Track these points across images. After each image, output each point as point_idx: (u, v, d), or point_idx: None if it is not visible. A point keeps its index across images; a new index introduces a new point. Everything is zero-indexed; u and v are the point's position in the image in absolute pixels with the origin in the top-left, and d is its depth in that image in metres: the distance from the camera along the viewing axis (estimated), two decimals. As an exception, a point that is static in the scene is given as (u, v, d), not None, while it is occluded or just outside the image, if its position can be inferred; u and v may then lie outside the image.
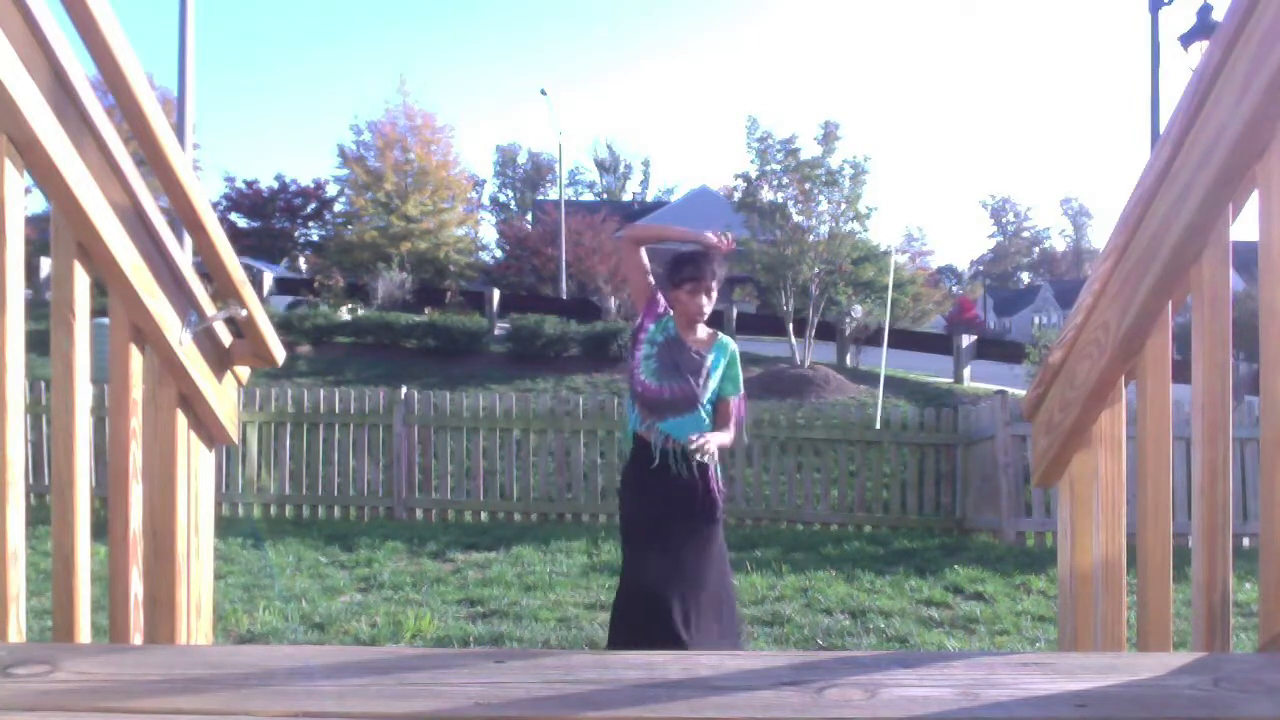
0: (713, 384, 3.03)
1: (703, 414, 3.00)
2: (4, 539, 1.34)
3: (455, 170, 30.31)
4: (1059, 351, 1.82)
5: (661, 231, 3.17)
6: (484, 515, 7.61)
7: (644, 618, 2.81)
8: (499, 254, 36.80)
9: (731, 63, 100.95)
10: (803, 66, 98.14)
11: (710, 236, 3.01)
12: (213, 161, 72.93)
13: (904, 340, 19.10)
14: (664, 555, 2.84)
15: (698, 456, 2.83)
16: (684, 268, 3.02)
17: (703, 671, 1.21)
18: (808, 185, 14.59)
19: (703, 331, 3.10)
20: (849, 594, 4.94)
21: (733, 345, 3.13)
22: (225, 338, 1.94)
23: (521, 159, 61.14)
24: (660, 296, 3.08)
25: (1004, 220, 68.97)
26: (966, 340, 15.93)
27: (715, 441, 2.86)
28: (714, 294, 3.04)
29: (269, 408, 7.68)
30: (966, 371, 15.42)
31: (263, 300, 13.37)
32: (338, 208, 30.56)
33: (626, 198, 56.89)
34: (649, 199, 56.03)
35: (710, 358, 3.04)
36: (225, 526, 6.43)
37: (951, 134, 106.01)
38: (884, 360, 11.47)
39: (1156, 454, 1.59)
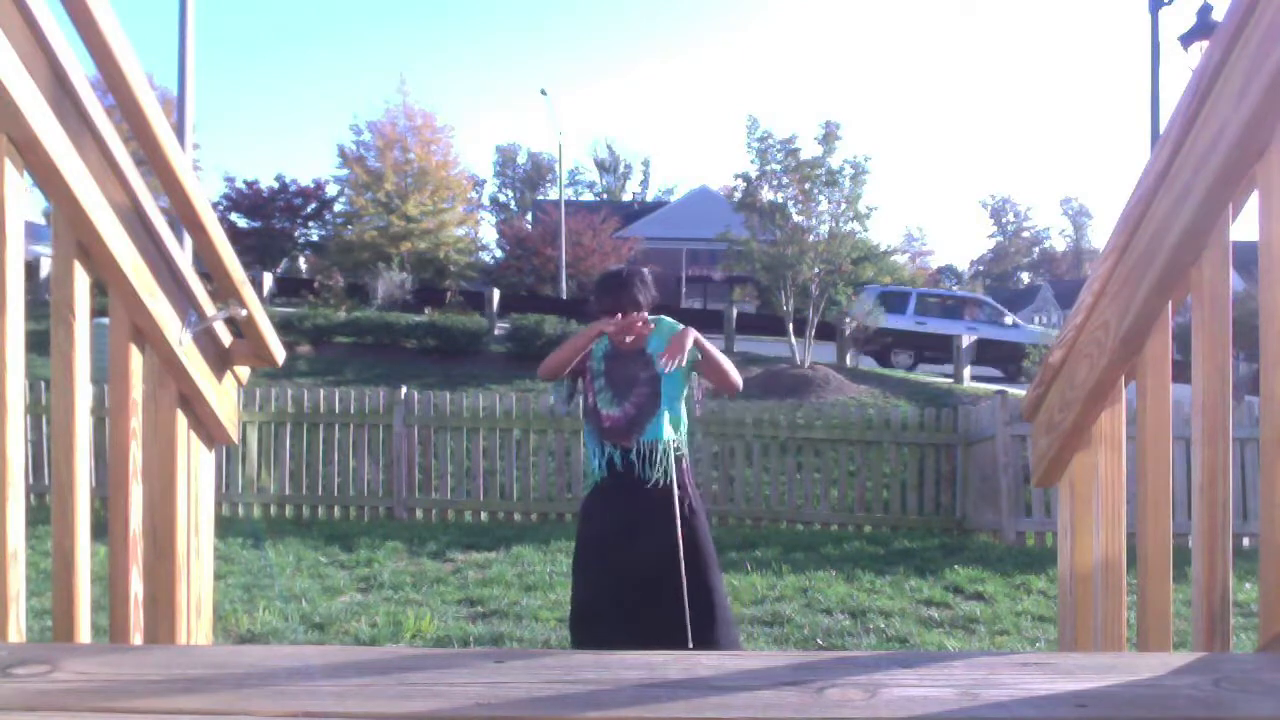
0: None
1: (668, 402, 2.94)
2: (4, 539, 1.34)
3: (455, 170, 30.31)
4: (1059, 351, 1.82)
5: (571, 346, 3.06)
6: (484, 515, 7.61)
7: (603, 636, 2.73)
8: (499, 254, 36.80)
9: (731, 63, 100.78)
10: (803, 66, 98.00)
11: (608, 325, 2.93)
12: (213, 161, 73.13)
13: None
14: (628, 576, 2.77)
15: (671, 366, 2.83)
16: (604, 298, 3.02)
17: (703, 671, 1.21)
18: (808, 185, 14.57)
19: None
20: (849, 594, 4.93)
21: (667, 320, 3.02)
22: (225, 338, 1.94)
23: (521, 159, 61.17)
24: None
25: (1004, 220, 68.88)
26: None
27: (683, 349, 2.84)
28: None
29: (269, 408, 7.68)
30: (966, 371, 15.41)
31: (262, 302, 13.36)
32: (338, 208, 30.56)
33: (626, 198, 56.84)
34: (649, 199, 56.01)
35: (650, 344, 2.97)
36: (225, 526, 6.43)
37: (951, 134, 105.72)
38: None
39: (1156, 454, 1.59)
